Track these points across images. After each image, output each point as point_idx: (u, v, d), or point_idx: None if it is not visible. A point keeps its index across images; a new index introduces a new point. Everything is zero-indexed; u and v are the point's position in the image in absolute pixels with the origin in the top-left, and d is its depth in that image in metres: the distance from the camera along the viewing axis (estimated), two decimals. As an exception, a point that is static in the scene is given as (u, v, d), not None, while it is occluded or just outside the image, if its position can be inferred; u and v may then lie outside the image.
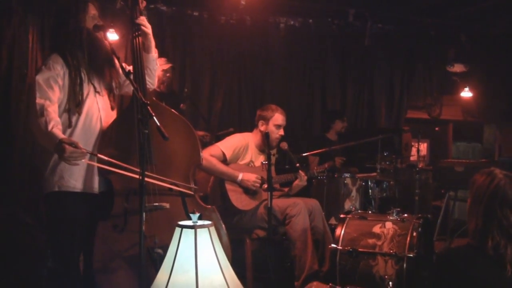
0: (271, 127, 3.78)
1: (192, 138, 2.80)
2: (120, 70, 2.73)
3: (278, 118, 3.81)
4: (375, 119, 6.23)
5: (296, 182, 3.88)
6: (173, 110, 2.85)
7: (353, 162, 5.19)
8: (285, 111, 3.92)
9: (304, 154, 4.33)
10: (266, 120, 3.80)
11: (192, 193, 2.79)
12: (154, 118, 2.27)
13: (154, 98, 2.85)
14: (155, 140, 2.64)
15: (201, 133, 4.62)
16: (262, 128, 3.81)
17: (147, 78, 2.84)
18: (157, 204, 2.64)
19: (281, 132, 3.82)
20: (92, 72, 2.68)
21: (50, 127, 2.44)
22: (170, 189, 2.70)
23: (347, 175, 4.51)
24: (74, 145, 2.39)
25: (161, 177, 2.65)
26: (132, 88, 2.61)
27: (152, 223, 2.56)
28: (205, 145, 4.17)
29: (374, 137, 4.58)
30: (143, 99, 2.34)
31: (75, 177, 2.64)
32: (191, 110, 4.95)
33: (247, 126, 5.16)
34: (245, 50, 5.59)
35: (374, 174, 4.56)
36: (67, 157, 2.38)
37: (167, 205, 2.67)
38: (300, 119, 5.96)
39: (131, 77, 2.54)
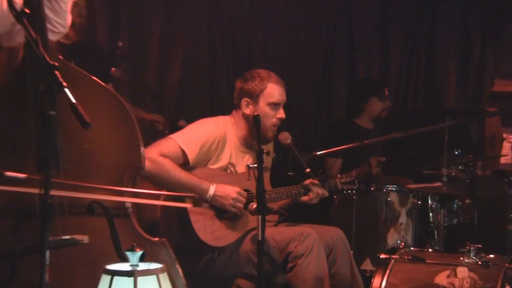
0: (262, 108, 3.79)
1: (128, 125, 2.80)
2: (5, 7, 2.68)
3: (273, 91, 3.81)
4: (438, 96, 6.29)
5: (305, 198, 3.90)
6: (94, 78, 2.82)
7: (400, 166, 5.22)
8: (286, 84, 3.92)
9: (319, 153, 4.30)
10: (253, 96, 3.81)
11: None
12: (67, 91, 2.25)
13: (62, 57, 2.81)
14: (66, 129, 2.62)
15: (150, 116, 4.58)
16: (248, 110, 3.82)
17: (52, 16, 2.82)
18: (67, 237, 2.61)
19: (281, 114, 3.84)
20: None
21: None
22: (91, 208, 2.68)
23: (391, 187, 4.53)
24: None
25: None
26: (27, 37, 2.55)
27: (60, 268, 2.52)
28: (156, 136, 4.14)
29: (437, 125, 4.57)
30: (48, 58, 2.31)
31: None
32: (130, 79, 4.96)
33: (224, 107, 5.14)
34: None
35: (438, 184, 4.53)
36: None
37: (84, 238, 2.65)
38: (312, 98, 6.00)
39: (26, 19, 2.48)
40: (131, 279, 2.14)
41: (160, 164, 3.54)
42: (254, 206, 3.33)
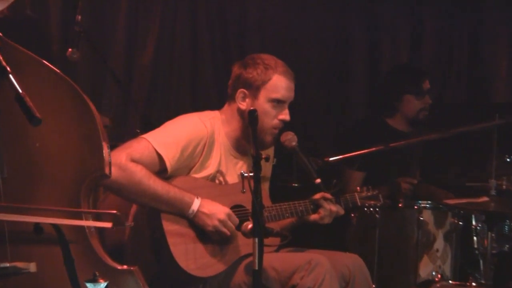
0: (262, 104, 3.80)
1: (87, 121, 2.80)
2: None
3: (279, 84, 3.83)
4: (485, 86, 6.28)
5: (315, 217, 3.92)
6: (45, 61, 2.82)
7: (437, 176, 5.23)
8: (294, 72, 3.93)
9: (332, 159, 4.31)
10: (253, 87, 3.82)
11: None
12: (12, 78, 2.26)
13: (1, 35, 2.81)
14: (8, 126, 2.63)
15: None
16: (244, 104, 3.84)
17: None
18: (7, 265, 2.60)
19: (284, 115, 3.85)
20: None
21: None
22: (39, 227, 2.66)
23: (424, 203, 4.54)
24: None
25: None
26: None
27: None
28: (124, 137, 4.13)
29: (484, 124, 4.58)
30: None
31: None
32: (91, 63, 4.95)
33: (210, 100, 5.14)
34: None
35: (484, 199, 4.52)
36: None
37: (30, 267, 2.64)
38: (322, 91, 6.02)
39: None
40: (93, 318, 2.14)
41: (130, 172, 3.53)
42: (250, 226, 3.35)
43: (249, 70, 3.83)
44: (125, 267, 2.80)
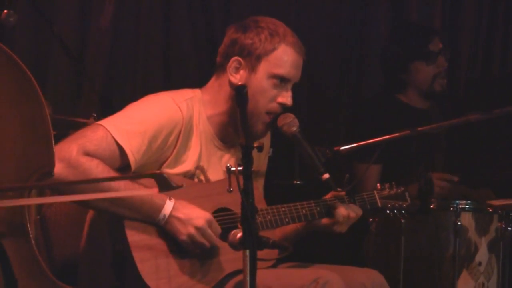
0: (260, 79, 3.83)
1: (32, 103, 2.82)
2: None
3: (286, 57, 3.85)
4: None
5: (327, 221, 3.94)
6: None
7: (478, 170, 5.27)
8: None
9: (343, 148, 4.30)
10: (253, 57, 3.84)
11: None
12: None
13: None
14: None
15: None
16: (237, 77, 3.84)
17: None
18: None
19: (286, 97, 3.86)
20: None
21: None
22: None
23: (463, 204, 4.55)
24: None
25: None
26: None
27: None
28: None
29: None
30: None
31: None
32: (32, 29, 4.97)
33: (189, 77, 5.16)
34: None
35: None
36: None
37: None
38: (332, 63, 6.09)
39: None
40: None
41: (83, 169, 3.51)
42: (239, 235, 3.32)
43: (250, 35, 3.83)
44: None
